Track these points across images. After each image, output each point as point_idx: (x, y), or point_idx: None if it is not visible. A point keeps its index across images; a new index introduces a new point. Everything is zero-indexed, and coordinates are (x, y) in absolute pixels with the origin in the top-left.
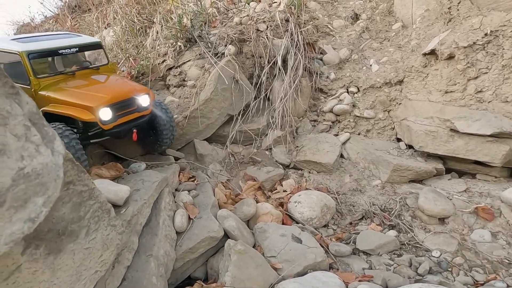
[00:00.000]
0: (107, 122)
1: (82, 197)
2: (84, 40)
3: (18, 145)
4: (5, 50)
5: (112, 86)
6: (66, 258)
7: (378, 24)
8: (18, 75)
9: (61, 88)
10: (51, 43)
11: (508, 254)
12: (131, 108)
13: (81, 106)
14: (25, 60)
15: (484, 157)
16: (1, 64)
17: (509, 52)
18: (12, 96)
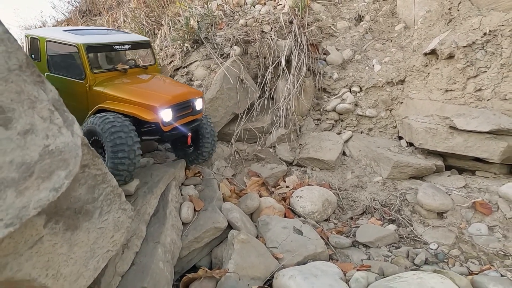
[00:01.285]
0: (167, 123)
1: (96, 180)
2: (135, 38)
3: (44, 126)
4: (60, 41)
5: (170, 87)
6: (81, 235)
7: (381, 25)
8: (69, 68)
9: (119, 85)
10: (107, 38)
11: (504, 246)
12: (188, 111)
13: (143, 105)
14: (83, 53)
15: (483, 153)
16: (50, 54)
17: (507, 51)
18: (39, 83)
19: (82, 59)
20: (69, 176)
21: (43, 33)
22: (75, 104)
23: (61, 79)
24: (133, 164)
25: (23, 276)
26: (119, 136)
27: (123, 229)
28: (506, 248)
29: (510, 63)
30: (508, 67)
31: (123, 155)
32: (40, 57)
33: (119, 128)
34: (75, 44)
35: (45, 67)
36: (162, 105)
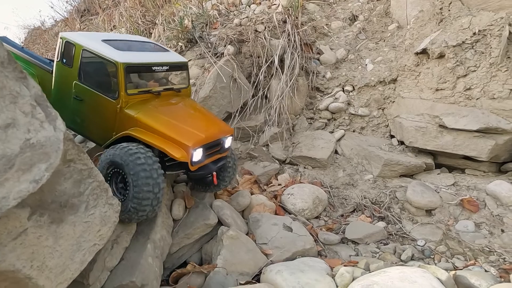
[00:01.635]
0: (196, 163)
1: (82, 175)
2: (174, 58)
3: (26, 120)
4: (98, 53)
5: (204, 122)
6: (67, 228)
7: (374, 25)
8: (102, 83)
9: (152, 112)
10: (147, 57)
11: (489, 242)
12: (217, 149)
13: (174, 141)
14: (121, 72)
15: (471, 151)
16: (84, 62)
17: (496, 51)
18: (21, 79)
19: (119, 78)
20: (49, 168)
21: (80, 39)
22: (99, 121)
23: (90, 92)
24: (157, 198)
25: (6, 267)
26: (144, 169)
27: (110, 224)
28: (492, 244)
29: (499, 62)
30: (497, 66)
31: (148, 189)
32: (72, 64)
33: (143, 160)
34: (114, 62)
35: (75, 74)
36: (194, 145)
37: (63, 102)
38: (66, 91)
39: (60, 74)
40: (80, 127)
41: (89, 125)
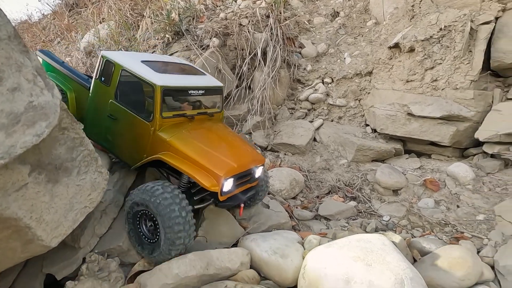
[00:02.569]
0: (225, 193)
1: (75, 143)
2: (210, 82)
3: (29, 86)
4: (137, 74)
5: (237, 150)
6: (61, 189)
7: (354, 21)
8: (138, 104)
9: (185, 137)
10: (184, 80)
11: (445, 216)
12: (247, 179)
13: (206, 169)
14: (158, 94)
15: (435, 137)
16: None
17: (459, 45)
18: (24, 52)
19: (155, 100)
20: (49, 126)
21: (120, 59)
22: (131, 142)
23: (124, 111)
24: (189, 236)
25: (10, 214)
26: (172, 210)
27: (99, 189)
28: (447, 218)
29: (462, 55)
30: (460, 59)
31: (179, 229)
32: (110, 83)
33: (171, 200)
34: (152, 84)
35: (112, 94)
36: (226, 175)
37: (97, 119)
38: (101, 109)
39: (97, 92)
40: (111, 145)
41: (120, 145)
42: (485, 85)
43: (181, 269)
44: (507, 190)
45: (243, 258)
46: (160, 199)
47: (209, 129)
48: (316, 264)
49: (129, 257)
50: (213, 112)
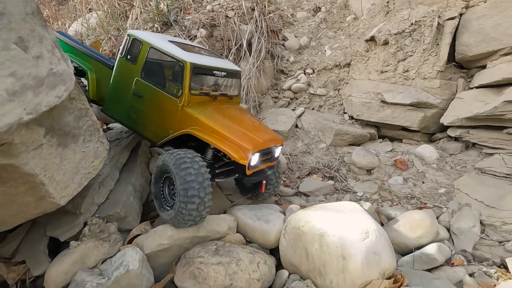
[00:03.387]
0: (252, 167)
1: (81, 113)
2: (231, 66)
3: (49, 56)
4: (166, 52)
5: (261, 129)
6: (69, 153)
7: (334, 16)
8: (165, 82)
9: (212, 114)
10: (210, 61)
11: (412, 191)
12: (268, 157)
13: (235, 143)
14: (188, 71)
15: (405, 122)
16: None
17: (428, 38)
18: (44, 27)
19: (185, 77)
20: (67, 90)
21: (148, 38)
22: (157, 118)
23: (151, 89)
24: (203, 203)
25: (29, 170)
26: (189, 173)
27: (101, 158)
28: (414, 192)
29: (430, 48)
30: (428, 52)
31: (193, 193)
32: (137, 61)
33: (189, 164)
34: (182, 61)
35: (138, 71)
36: (254, 149)
37: (120, 98)
38: (125, 87)
39: (121, 70)
40: (135, 123)
41: (145, 122)
42: (450, 76)
43: (175, 231)
44: (466, 168)
45: (230, 223)
46: (180, 162)
47: (231, 110)
48: (295, 224)
49: (125, 223)
50: (233, 95)
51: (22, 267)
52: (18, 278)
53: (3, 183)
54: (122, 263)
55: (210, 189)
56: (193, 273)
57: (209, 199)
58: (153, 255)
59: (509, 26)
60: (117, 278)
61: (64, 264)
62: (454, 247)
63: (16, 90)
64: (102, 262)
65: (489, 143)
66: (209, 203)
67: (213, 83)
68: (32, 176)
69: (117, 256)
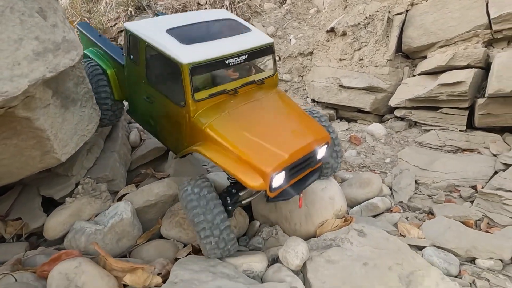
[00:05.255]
0: (275, 189)
1: (79, 80)
2: (255, 41)
3: (62, 25)
4: (160, 50)
5: (293, 131)
6: (69, 115)
7: (299, 8)
8: (169, 87)
9: (224, 121)
10: (219, 48)
11: (363, 161)
12: (306, 164)
13: (252, 165)
14: (186, 76)
15: (359, 104)
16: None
17: (380, 31)
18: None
19: (184, 82)
20: (78, 55)
21: (144, 32)
22: (170, 128)
23: (158, 95)
24: (222, 240)
25: (39, 125)
26: (196, 213)
27: (93, 123)
28: (365, 162)
29: (381, 40)
30: (380, 43)
31: (206, 234)
32: (139, 61)
33: (196, 202)
34: (177, 62)
35: (143, 74)
36: (275, 170)
37: (136, 102)
38: (137, 91)
39: (130, 71)
40: (154, 130)
41: (162, 131)
42: (398, 64)
43: (160, 189)
44: (407, 142)
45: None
46: (186, 201)
47: (257, 104)
48: None
49: (113, 186)
50: (263, 78)
51: (19, 222)
52: (15, 233)
53: (17, 135)
54: (117, 213)
55: (225, 223)
56: (178, 222)
57: (227, 233)
58: (140, 211)
59: (445, 22)
60: (112, 225)
61: (62, 216)
62: (394, 200)
63: (40, 51)
64: (95, 216)
65: (426, 121)
66: (229, 236)
67: (243, 69)
68: (41, 131)
69: (110, 209)
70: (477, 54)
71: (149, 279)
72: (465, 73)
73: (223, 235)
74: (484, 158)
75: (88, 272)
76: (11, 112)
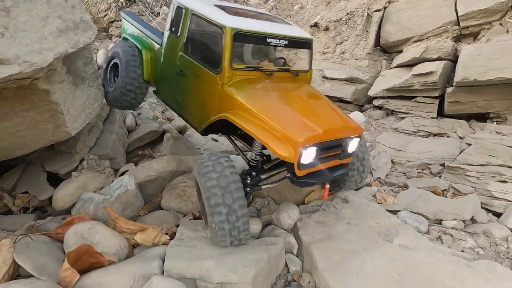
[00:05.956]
0: (304, 166)
1: (87, 60)
2: (296, 33)
3: (79, 7)
4: (205, 16)
5: (325, 115)
6: (79, 93)
7: (284, 4)
8: (207, 55)
9: (257, 93)
10: (263, 26)
11: None
12: (336, 152)
13: (280, 132)
14: (228, 39)
15: (341, 94)
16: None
17: (360, 26)
18: None
19: (224, 46)
20: (94, 34)
21: (192, 3)
22: (199, 100)
23: (193, 65)
24: (237, 228)
25: (55, 99)
26: (210, 177)
27: (99, 102)
28: None
29: (361, 34)
30: (360, 37)
31: (220, 219)
32: (180, 32)
33: (211, 167)
34: (221, 26)
35: (182, 45)
36: (306, 142)
37: (168, 78)
38: (171, 65)
39: (168, 45)
40: (180, 107)
41: (188, 105)
42: (376, 58)
43: (160, 166)
44: (385, 128)
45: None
46: (201, 167)
47: (292, 89)
48: None
49: (114, 163)
50: (298, 70)
51: (26, 195)
52: (22, 206)
53: (34, 108)
54: (122, 184)
55: (244, 210)
56: (178, 194)
57: (244, 221)
58: (141, 186)
59: (418, 19)
60: (118, 195)
61: (69, 188)
62: (372, 177)
63: (63, 29)
64: (100, 189)
65: (402, 109)
66: (245, 225)
67: (277, 58)
68: (56, 105)
69: (115, 182)
70: (447, 47)
71: (158, 237)
72: (436, 65)
73: (239, 223)
74: (452, 141)
75: (101, 232)
76: (34, 84)
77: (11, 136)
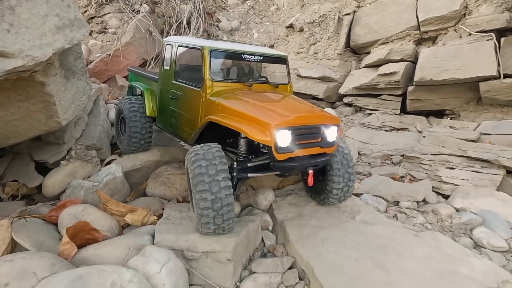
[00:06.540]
0: (282, 150)
1: (77, 55)
2: (271, 52)
3: (73, 6)
4: (187, 44)
5: (296, 105)
6: (70, 86)
7: (261, 5)
8: (192, 75)
9: (235, 97)
10: (238, 46)
11: None
12: (314, 139)
13: (255, 121)
14: (205, 56)
15: (314, 91)
16: (179, 60)
17: (331, 28)
18: None
19: (203, 62)
20: (87, 31)
21: (178, 38)
22: (188, 116)
23: (182, 87)
24: (221, 215)
25: (49, 90)
26: (199, 165)
27: (86, 95)
28: None
29: (333, 36)
30: (332, 39)
31: (205, 206)
32: (170, 64)
33: (204, 169)
34: (200, 46)
35: (172, 74)
36: (279, 125)
37: (165, 107)
38: (166, 94)
39: (162, 79)
40: (175, 128)
41: (181, 124)
42: (347, 58)
43: (145, 156)
44: (354, 123)
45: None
46: (194, 166)
47: (270, 95)
48: None
49: (100, 154)
50: (278, 83)
51: (15, 184)
52: (11, 193)
53: (29, 99)
54: (110, 172)
55: (229, 199)
56: (163, 182)
57: (228, 210)
58: (127, 174)
59: (385, 23)
60: (107, 182)
61: (59, 176)
62: None
63: (60, 26)
64: (88, 178)
65: (369, 106)
66: (229, 213)
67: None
68: (50, 96)
69: (103, 170)
70: (408, 50)
71: (147, 217)
72: (399, 66)
73: (223, 211)
74: (411, 134)
75: (93, 213)
76: (32, 77)
77: (6, 124)
